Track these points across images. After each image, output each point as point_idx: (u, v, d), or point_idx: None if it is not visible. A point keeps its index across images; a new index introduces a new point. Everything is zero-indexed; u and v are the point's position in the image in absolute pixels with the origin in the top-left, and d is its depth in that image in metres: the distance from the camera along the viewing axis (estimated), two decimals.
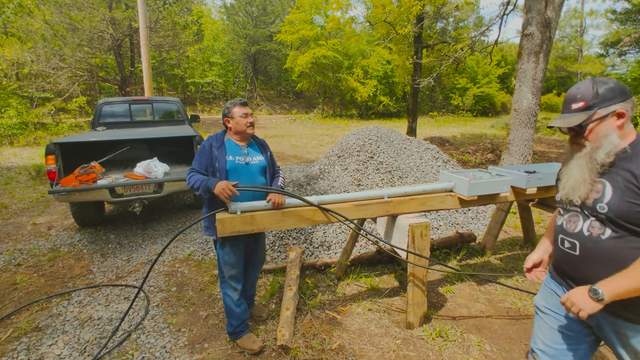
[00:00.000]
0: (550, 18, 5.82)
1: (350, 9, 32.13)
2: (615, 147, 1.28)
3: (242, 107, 2.35)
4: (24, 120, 12.80)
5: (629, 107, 1.26)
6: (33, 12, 13.61)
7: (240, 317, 2.43)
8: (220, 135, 2.41)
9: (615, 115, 1.27)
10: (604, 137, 1.29)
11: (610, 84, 1.28)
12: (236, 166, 2.31)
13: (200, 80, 25.57)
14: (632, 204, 1.20)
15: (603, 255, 1.29)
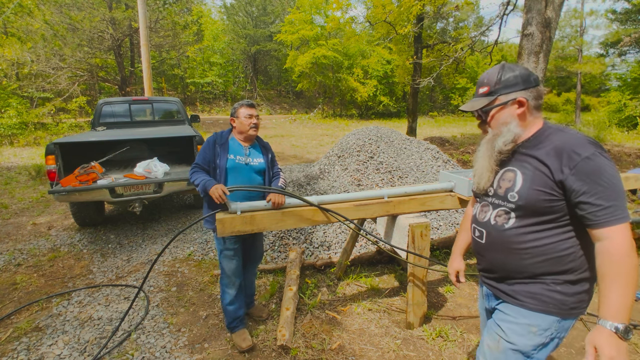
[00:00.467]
0: (550, 18, 5.82)
1: (350, 9, 32.15)
2: (515, 136, 1.25)
3: (248, 108, 2.42)
4: (24, 120, 12.80)
5: (530, 96, 1.23)
6: (33, 12, 13.61)
7: (233, 315, 2.47)
8: (225, 133, 2.47)
9: (516, 103, 1.24)
10: (503, 125, 1.27)
11: (517, 71, 1.25)
12: (236, 165, 2.36)
13: (200, 80, 25.57)
14: (539, 191, 1.18)
15: (503, 243, 1.29)
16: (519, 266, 1.27)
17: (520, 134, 1.26)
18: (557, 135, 1.19)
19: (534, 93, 1.24)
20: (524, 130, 1.26)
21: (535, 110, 1.26)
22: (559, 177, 1.14)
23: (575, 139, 1.15)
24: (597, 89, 34.68)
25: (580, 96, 20.79)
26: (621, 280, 1.05)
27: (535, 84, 1.24)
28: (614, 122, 16.87)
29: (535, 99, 1.24)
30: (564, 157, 1.13)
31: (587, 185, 1.09)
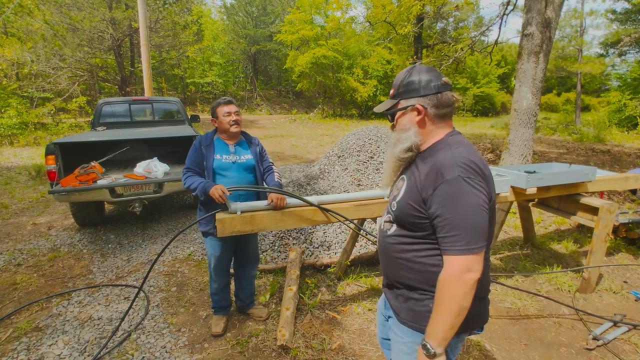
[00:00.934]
0: (550, 18, 5.82)
1: (350, 9, 32.13)
2: (412, 144, 1.19)
3: (225, 105, 2.40)
4: (24, 120, 12.80)
5: (428, 104, 1.16)
6: (33, 12, 13.60)
7: (217, 303, 2.66)
8: (210, 134, 2.49)
9: (415, 110, 1.18)
10: (403, 131, 1.21)
11: (421, 75, 1.17)
12: (223, 165, 2.39)
13: (200, 80, 25.56)
14: (410, 206, 1.14)
15: (386, 250, 1.29)
16: (396, 275, 1.25)
17: (419, 143, 1.20)
18: (442, 152, 1.13)
19: (434, 101, 1.16)
20: (424, 139, 1.20)
21: (438, 119, 1.18)
22: (425, 195, 1.10)
23: (450, 160, 1.08)
24: (597, 89, 34.69)
25: (580, 96, 20.79)
26: (441, 307, 1.04)
27: (435, 91, 1.15)
28: (614, 122, 16.87)
29: (435, 107, 1.16)
30: (432, 176, 1.10)
31: (441, 209, 1.06)
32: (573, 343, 2.52)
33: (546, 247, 4.07)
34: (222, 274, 2.58)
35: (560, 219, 4.98)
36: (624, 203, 5.61)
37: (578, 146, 11.56)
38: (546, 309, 2.92)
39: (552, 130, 16.76)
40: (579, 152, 10.49)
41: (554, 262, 3.68)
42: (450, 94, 1.17)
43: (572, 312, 2.87)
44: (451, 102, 1.17)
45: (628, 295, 3.14)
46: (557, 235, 4.48)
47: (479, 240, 1.03)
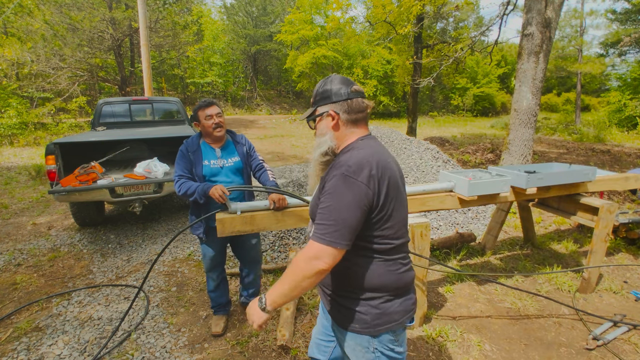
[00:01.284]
0: (550, 18, 5.82)
1: (350, 9, 32.13)
2: (329, 148, 1.27)
3: (205, 108, 2.34)
4: (24, 120, 12.79)
5: (340, 109, 1.23)
6: (33, 12, 13.59)
7: (215, 301, 2.67)
8: (195, 139, 2.43)
9: (329, 116, 1.25)
10: (321, 136, 1.28)
11: (334, 84, 1.26)
12: (212, 170, 2.37)
13: (200, 80, 25.55)
14: (316, 204, 1.20)
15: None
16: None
17: (334, 147, 1.27)
18: (346, 154, 1.19)
19: (345, 107, 1.23)
20: (339, 143, 1.27)
21: (351, 124, 1.25)
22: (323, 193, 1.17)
23: (346, 159, 1.14)
24: (597, 89, 34.67)
25: (580, 96, 20.78)
26: (285, 276, 1.12)
27: (346, 97, 1.23)
28: (614, 122, 16.88)
29: (347, 112, 1.23)
30: (329, 174, 1.17)
31: (322, 200, 1.14)
32: (573, 343, 2.52)
33: (546, 247, 4.07)
34: (216, 271, 2.59)
35: (560, 219, 4.98)
36: (624, 203, 5.61)
37: (578, 146, 11.56)
38: (546, 309, 2.92)
39: (552, 130, 16.77)
40: (579, 152, 10.49)
41: (554, 262, 3.68)
42: (361, 100, 1.25)
43: (572, 312, 2.87)
44: (362, 107, 1.25)
45: (628, 295, 3.14)
46: (557, 235, 4.48)
47: (336, 234, 1.07)
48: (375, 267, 1.19)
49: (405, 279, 1.24)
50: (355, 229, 1.10)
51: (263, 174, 2.50)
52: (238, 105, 27.53)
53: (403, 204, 1.24)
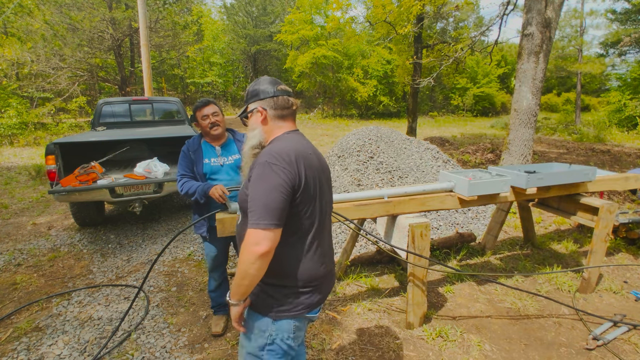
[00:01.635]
0: (550, 18, 5.82)
1: (350, 9, 32.12)
2: (259, 142, 1.38)
3: (201, 108, 2.38)
4: (24, 120, 12.79)
5: (268, 106, 1.35)
6: (33, 12, 13.59)
7: (215, 300, 2.67)
8: (196, 139, 2.48)
9: (259, 112, 1.36)
10: (252, 130, 1.39)
11: (260, 84, 1.38)
12: (212, 168, 2.40)
13: (200, 80, 25.57)
14: (244, 194, 1.29)
15: (239, 236, 1.41)
16: None
17: (263, 140, 1.38)
18: (270, 145, 1.31)
19: (271, 103, 1.35)
20: (267, 137, 1.38)
21: (278, 119, 1.37)
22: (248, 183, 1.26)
23: (269, 150, 1.24)
24: (597, 89, 34.67)
25: (580, 96, 20.77)
26: (237, 268, 1.20)
27: (272, 95, 1.35)
28: (614, 122, 16.87)
29: (273, 108, 1.35)
30: (253, 164, 1.26)
31: (249, 189, 1.22)
32: (573, 343, 2.52)
33: (546, 247, 4.07)
34: (218, 271, 2.60)
35: (560, 219, 4.98)
36: (624, 203, 5.61)
37: (578, 146, 11.56)
38: (546, 309, 2.92)
39: (552, 130, 16.76)
40: (579, 152, 10.49)
41: (554, 262, 3.68)
42: (287, 98, 1.37)
43: (572, 312, 2.87)
44: (288, 104, 1.37)
45: (628, 295, 3.14)
46: (557, 235, 4.48)
47: (267, 217, 1.15)
48: (292, 256, 1.28)
49: (318, 273, 1.33)
50: (282, 209, 1.18)
51: None
52: (238, 105, 27.52)
53: (323, 199, 1.34)
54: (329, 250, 1.44)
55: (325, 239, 1.39)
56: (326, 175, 1.41)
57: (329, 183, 1.42)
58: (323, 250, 1.36)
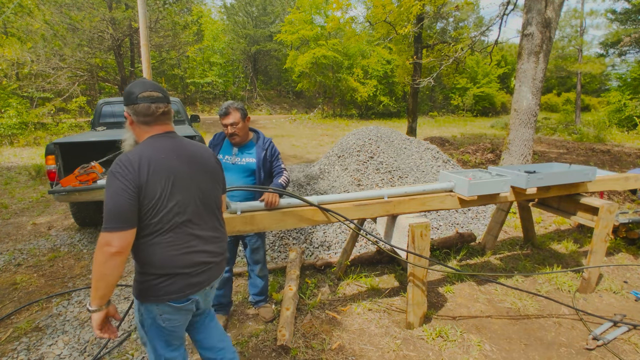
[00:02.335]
0: (550, 18, 5.83)
1: (350, 9, 32.13)
2: (132, 143, 1.51)
3: (222, 118, 2.39)
4: (24, 120, 12.79)
5: (130, 111, 1.43)
6: (33, 12, 13.59)
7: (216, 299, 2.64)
8: (222, 134, 2.54)
9: (126, 116, 1.47)
10: (127, 131, 1.51)
11: (130, 87, 1.45)
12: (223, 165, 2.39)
13: (200, 80, 25.57)
14: None
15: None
16: None
17: (134, 142, 1.51)
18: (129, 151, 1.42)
19: (133, 110, 1.42)
20: (139, 140, 1.49)
21: (142, 125, 1.44)
22: None
23: (118, 158, 1.34)
24: (597, 89, 34.69)
25: (580, 96, 20.78)
26: (93, 273, 1.29)
27: (133, 102, 1.42)
28: (614, 122, 16.87)
29: (135, 114, 1.43)
30: None
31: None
32: (573, 343, 2.52)
33: (546, 247, 4.07)
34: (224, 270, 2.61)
35: (560, 219, 4.98)
36: (624, 203, 5.61)
37: (578, 146, 11.56)
38: (546, 309, 2.92)
39: (552, 130, 16.76)
40: (579, 152, 10.49)
41: (554, 262, 3.68)
42: (147, 105, 1.41)
43: (572, 312, 2.87)
44: (148, 112, 1.42)
45: (628, 295, 3.14)
46: (557, 235, 4.48)
47: (112, 220, 1.26)
48: (150, 247, 1.38)
49: (180, 263, 1.42)
50: (127, 211, 1.28)
51: (277, 177, 2.50)
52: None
53: (183, 194, 1.42)
54: (206, 242, 1.51)
55: (195, 231, 1.47)
56: (192, 172, 1.48)
57: (197, 178, 1.49)
58: (191, 242, 1.45)
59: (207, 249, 1.51)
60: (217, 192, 1.61)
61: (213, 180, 1.58)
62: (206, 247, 1.51)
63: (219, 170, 1.65)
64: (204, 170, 1.53)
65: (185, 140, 1.54)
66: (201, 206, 1.49)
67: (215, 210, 1.58)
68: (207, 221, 1.53)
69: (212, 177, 1.58)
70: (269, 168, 2.52)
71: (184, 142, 1.51)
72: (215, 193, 1.59)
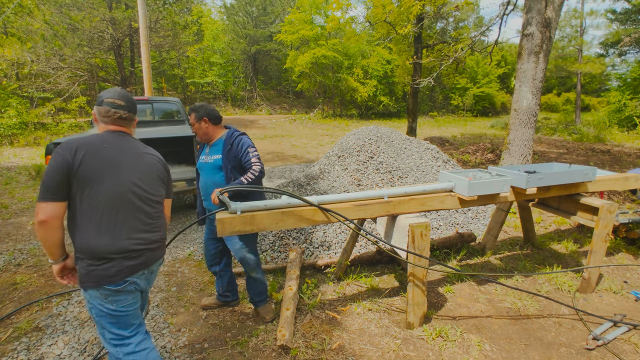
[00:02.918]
0: (550, 18, 5.82)
1: (350, 9, 32.13)
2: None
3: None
4: (24, 120, 12.78)
5: (95, 110, 1.71)
6: (33, 12, 13.59)
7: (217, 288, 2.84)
8: None
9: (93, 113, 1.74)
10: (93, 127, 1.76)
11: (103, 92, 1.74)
12: (200, 165, 2.59)
13: (200, 80, 25.55)
14: None
15: None
16: None
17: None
18: None
19: (97, 109, 1.71)
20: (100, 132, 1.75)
21: (102, 122, 1.72)
22: None
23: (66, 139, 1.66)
24: (597, 89, 34.68)
25: (580, 96, 20.77)
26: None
27: (98, 104, 1.70)
28: (614, 122, 16.87)
29: (98, 113, 1.71)
30: None
31: None
32: (573, 343, 2.52)
33: (546, 247, 4.07)
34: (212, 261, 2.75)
35: (560, 219, 4.98)
36: (624, 203, 5.61)
37: (578, 146, 11.56)
38: (546, 309, 2.92)
39: (552, 130, 16.76)
40: (579, 152, 10.49)
41: (554, 262, 3.68)
42: (108, 108, 1.69)
43: (572, 312, 2.87)
44: (107, 114, 1.69)
45: (628, 295, 3.14)
46: (557, 235, 4.48)
47: (44, 192, 1.47)
48: (81, 232, 1.53)
49: (110, 248, 1.55)
50: (56, 185, 1.47)
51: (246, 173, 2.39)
52: (238, 105, 27.52)
53: (116, 183, 1.58)
54: (137, 231, 1.64)
55: (125, 218, 1.60)
56: (131, 166, 1.64)
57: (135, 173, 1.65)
58: (120, 228, 1.58)
59: (137, 236, 1.64)
60: (156, 191, 1.76)
61: (153, 179, 1.74)
62: (137, 235, 1.64)
63: (164, 173, 1.84)
64: (145, 169, 1.71)
65: (137, 142, 1.77)
66: (135, 198, 1.64)
67: (151, 204, 1.72)
68: (139, 212, 1.66)
69: (153, 177, 1.74)
70: (238, 163, 2.44)
71: (133, 142, 1.73)
72: (154, 192, 1.74)
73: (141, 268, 1.67)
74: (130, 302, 1.67)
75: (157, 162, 1.79)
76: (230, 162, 2.43)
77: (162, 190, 1.82)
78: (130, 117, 1.78)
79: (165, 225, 1.86)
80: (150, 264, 1.72)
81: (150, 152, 1.80)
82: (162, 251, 1.82)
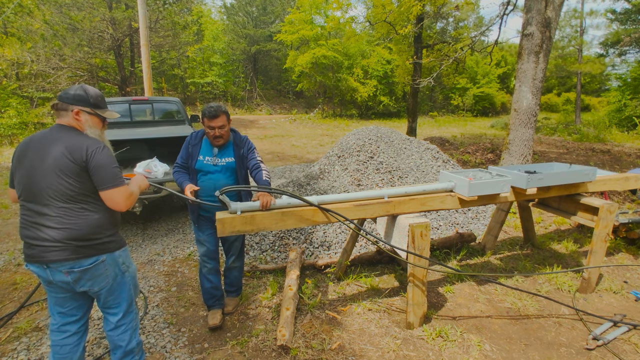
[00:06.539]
0: (550, 18, 5.82)
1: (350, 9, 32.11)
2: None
3: (209, 120, 2.37)
4: (24, 120, 12.78)
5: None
6: (33, 12, 13.58)
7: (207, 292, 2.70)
8: (200, 133, 2.55)
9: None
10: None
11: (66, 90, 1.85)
12: (204, 166, 2.47)
13: (200, 80, 25.54)
14: None
15: None
16: None
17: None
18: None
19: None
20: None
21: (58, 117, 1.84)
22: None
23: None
24: (597, 89, 34.66)
25: (580, 96, 20.76)
26: None
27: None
28: (614, 122, 16.86)
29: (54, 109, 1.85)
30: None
31: None
32: (573, 343, 2.52)
33: (546, 247, 4.07)
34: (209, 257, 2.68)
35: (560, 219, 4.98)
36: (624, 203, 5.61)
37: (578, 146, 11.56)
38: (546, 309, 2.92)
39: (552, 130, 16.76)
40: (579, 152, 10.49)
41: (554, 262, 3.68)
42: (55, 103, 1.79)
43: (572, 312, 2.87)
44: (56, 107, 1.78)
45: (628, 295, 3.14)
46: (557, 235, 4.48)
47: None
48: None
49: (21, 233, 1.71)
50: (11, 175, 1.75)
51: (258, 173, 2.47)
52: (238, 105, 27.53)
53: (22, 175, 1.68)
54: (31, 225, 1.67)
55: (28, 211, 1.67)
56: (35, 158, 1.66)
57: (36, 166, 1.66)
58: (26, 217, 1.68)
59: (30, 233, 1.68)
60: (57, 185, 1.64)
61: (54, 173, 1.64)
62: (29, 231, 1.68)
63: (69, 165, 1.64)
64: (50, 161, 1.65)
65: (54, 133, 1.71)
66: (30, 191, 1.67)
67: (50, 199, 1.65)
68: (35, 205, 1.67)
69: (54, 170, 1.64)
70: (247, 163, 2.55)
71: (51, 134, 1.71)
72: (54, 186, 1.64)
73: (37, 259, 1.69)
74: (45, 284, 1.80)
75: (61, 155, 1.64)
76: (243, 165, 2.53)
77: (66, 183, 1.64)
78: (62, 106, 1.75)
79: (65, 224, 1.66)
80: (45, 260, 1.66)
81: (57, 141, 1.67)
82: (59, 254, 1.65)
